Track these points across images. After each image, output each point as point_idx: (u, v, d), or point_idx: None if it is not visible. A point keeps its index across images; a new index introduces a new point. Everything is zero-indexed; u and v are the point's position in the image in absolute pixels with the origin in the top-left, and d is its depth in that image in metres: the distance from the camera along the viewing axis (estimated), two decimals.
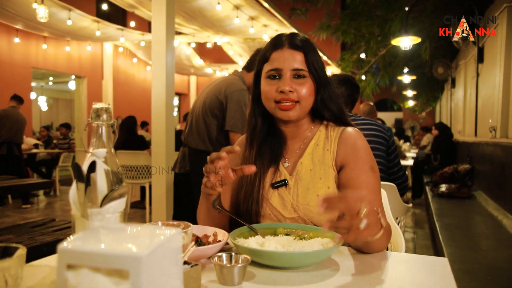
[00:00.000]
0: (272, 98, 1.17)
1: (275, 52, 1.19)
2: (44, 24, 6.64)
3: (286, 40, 1.19)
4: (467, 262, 2.35)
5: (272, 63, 1.18)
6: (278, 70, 1.17)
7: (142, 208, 5.78)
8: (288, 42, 1.19)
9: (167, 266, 0.53)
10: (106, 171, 0.71)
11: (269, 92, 1.17)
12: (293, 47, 1.18)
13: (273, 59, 1.18)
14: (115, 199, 0.68)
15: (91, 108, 0.79)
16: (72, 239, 0.49)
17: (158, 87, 3.99)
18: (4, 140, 6.07)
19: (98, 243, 0.50)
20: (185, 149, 2.61)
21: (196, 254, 0.90)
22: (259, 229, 1.06)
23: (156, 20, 4.03)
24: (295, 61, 1.16)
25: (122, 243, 0.50)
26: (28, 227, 3.14)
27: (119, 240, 0.52)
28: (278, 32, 7.11)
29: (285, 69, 1.16)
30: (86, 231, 0.55)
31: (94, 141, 0.77)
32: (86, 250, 0.47)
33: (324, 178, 1.17)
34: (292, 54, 1.17)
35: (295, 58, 1.16)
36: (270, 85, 1.17)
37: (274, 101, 1.17)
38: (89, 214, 0.66)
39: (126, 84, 11.36)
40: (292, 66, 1.16)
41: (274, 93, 1.16)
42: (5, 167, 5.94)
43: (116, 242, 0.51)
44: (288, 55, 1.17)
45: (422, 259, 1.02)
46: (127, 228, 0.57)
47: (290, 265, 0.89)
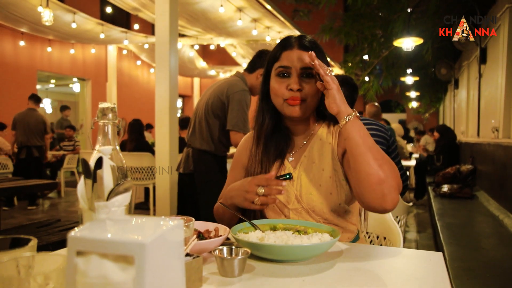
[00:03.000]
0: (281, 95, 1.23)
1: (285, 52, 1.25)
2: (49, 27, 6.72)
3: (295, 41, 1.26)
4: (466, 260, 2.37)
5: (281, 62, 1.24)
6: (288, 68, 1.23)
7: (146, 209, 5.82)
8: (297, 43, 1.25)
9: (170, 254, 0.57)
10: (112, 167, 0.75)
11: (279, 89, 1.23)
12: (302, 48, 1.24)
13: (283, 58, 1.24)
14: (121, 193, 0.72)
15: (98, 108, 0.83)
16: (80, 228, 0.53)
17: (161, 89, 4.04)
18: (22, 144, 6.13)
19: (105, 232, 0.53)
20: (189, 149, 2.66)
21: (198, 248, 0.94)
22: (259, 224, 1.10)
23: (160, 22, 4.08)
24: (304, 60, 1.21)
25: (127, 232, 0.54)
26: (34, 228, 3.19)
27: (124, 230, 0.55)
28: (281, 33, 7.14)
29: (294, 67, 1.22)
30: (94, 221, 0.59)
31: (100, 139, 0.81)
32: (95, 238, 0.51)
33: (326, 169, 1.23)
34: (301, 54, 1.22)
35: (303, 57, 1.21)
36: (280, 83, 1.23)
37: (283, 99, 1.23)
38: (96, 207, 0.70)
39: (130, 86, 11.45)
40: (301, 65, 1.22)
41: (283, 90, 1.22)
42: (26, 171, 5.97)
43: (122, 231, 0.54)
44: (298, 54, 1.22)
45: (418, 253, 1.05)
46: (132, 219, 0.61)
47: (288, 258, 0.93)
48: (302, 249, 0.90)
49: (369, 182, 1.04)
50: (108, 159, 0.76)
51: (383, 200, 1.04)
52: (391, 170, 1.06)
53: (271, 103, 1.30)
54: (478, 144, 5.49)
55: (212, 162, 2.53)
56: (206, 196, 2.46)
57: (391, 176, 1.05)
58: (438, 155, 7.20)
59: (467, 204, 4.46)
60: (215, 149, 2.57)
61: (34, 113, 6.33)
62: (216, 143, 2.56)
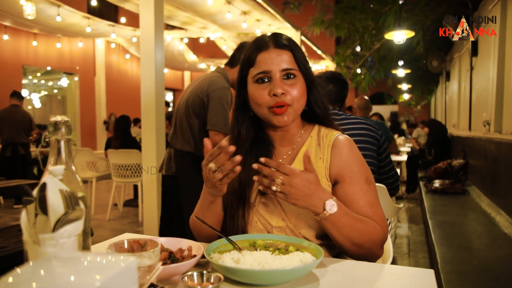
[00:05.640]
0: (265, 104, 1.10)
1: (261, 54, 1.12)
2: (33, 20, 6.54)
3: (270, 40, 1.13)
4: (458, 263, 2.32)
5: (259, 66, 1.11)
6: (267, 72, 1.10)
7: (135, 206, 5.73)
8: (273, 42, 1.13)
9: None
10: (62, 191, 0.66)
11: (260, 97, 1.10)
12: (279, 47, 1.12)
13: (259, 62, 1.12)
14: (70, 222, 0.63)
15: (49, 122, 0.73)
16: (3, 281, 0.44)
17: (147, 84, 3.93)
18: (7, 141, 5.94)
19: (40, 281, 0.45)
20: (171, 150, 2.55)
21: (168, 272, 0.86)
22: (238, 241, 1.02)
23: (144, 14, 3.96)
24: (283, 61, 1.10)
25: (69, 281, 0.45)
26: (15, 230, 3.08)
27: (62, 279, 0.47)
28: (271, 27, 7.03)
29: (274, 71, 1.10)
30: (36, 263, 0.51)
31: (52, 157, 0.72)
32: None
33: None
34: (279, 54, 1.11)
35: (282, 58, 1.11)
36: (261, 89, 1.10)
37: (267, 107, 1.10)
38: (41, 240, 0.61)
39: (119, 81, 11.26)
40: (281, 67, 1.10)
41: (266, 98, 1.09)
42: (12, 169, 5.80)
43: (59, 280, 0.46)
44: (275, 55, 1.11)
45: (408, 271, 0.98)
46: (81, 258, 0.53)
47: (266, 283, 0.85)
48: (280, 274, 0.83)
49: (350, 254, 1.08)
50: (57, 181, 0.67)
51: (367, 259, 1.07)
52: (372, 241, 1.07)
53: (247, 114, 1.18)
54: (470, 139, 5.46)
55: (195, 163, 2.41)
56: (190, 198, 2.36)
57: (374, 245, 1.07)
58: (429, 148, 7.18)
59: (458, 200, 4.43)
60: (197, 150, 2.45)
61: (19, 109, 6.16)
62: (198, 144, 2.44)
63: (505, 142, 3.64)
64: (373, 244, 1.07)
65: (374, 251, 1.08)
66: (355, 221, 1.04)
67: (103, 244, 1.11)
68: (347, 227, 1.02)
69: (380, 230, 1.09)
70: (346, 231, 1.03)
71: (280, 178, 0.97)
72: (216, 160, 0.97)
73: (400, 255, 3.76)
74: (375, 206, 1.13)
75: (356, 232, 1.04)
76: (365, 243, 1.05)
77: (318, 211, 1.00)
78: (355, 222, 1.04)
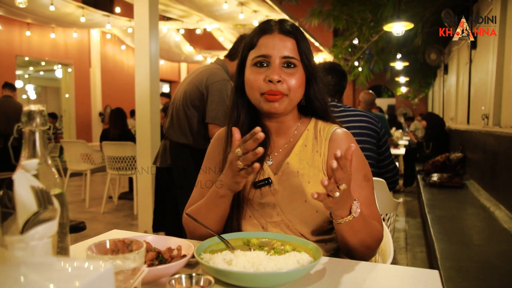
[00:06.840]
0: (257, 89, 1.05)
1: (264, 37, 1.07)
2: (25, 9, 6.40)
3: (276, 25, 1.09)
4: (459, 259, 2.28)
5: (259, 49, 1.07)
6: (267, 56, 1.05)
7: (131, 199, 5.66)
8: (278, 27, 1.08)
9: None
10: (34, 188, 0.59)
11: (255, 81, 1.06)
12: (284, 33, 1.07)
13: (261, 45, 1.07)
14: (42, 223, 0.57)
15: (22, 111, 0.67)
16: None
17: (141, 77, 3.85)
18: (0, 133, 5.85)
19: None
20: (166, 142, 2.49)
21: (154, 274, 0.80)
22: (231, 239, 0.96)
23: (138, 3, 3.87)
24: (285, 48, 1.05)
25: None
26: None
27: None
28: (269, 18, 6.93)
29: (275, 56, 1.05)
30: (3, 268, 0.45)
31: (25, 150, 0.65)
32: None
33: (313, 182, 1.07)
34: (283, 40, 1.06)
35: (285, 44, 1.06)
36: (257, 73, 1.06)
37: (260, 92, 1.05)
38: (8, 243, 0.55)
39: (114, 72, 11.13)
40: (282, 53, 1.05)
41: (260, 83, 1.05)
42: (5, 161, 5.69)
43: None
44: (278, 41, 1.06)
45: (412, 272, 0.93)
46: (53, 263, 0.48)
47: (260, 286, 0.79)
48: (275, 277, 0.77)
49: (357, 256, 1.04)
50: (30, 177, 0.60)
51: (364, 259, 1.05)
52: (378, 240, 1.06)
53: (246, 97, 1.12)
54: (468, 132, 5.41)
55: (191, 156, 2.35)
56: (185, 192, 2.30)
57: (378, 244, 1.07)
58: (427, 142, 7.14)
59: (457, 195, 4.39)
60: (194, 142, 2.38)
61: (12, 100, 6.08)
62: (195, 136, 2.38)
63: (505, 135, 3.59)
64: (378, 244, 1.06)
65: (375, 251, 1.07)
66: (367, 223, 1.00)
67: (92, 240, 1.05)
68: (362, 229, 0.98)
69: (381, 229, 1.07)
70: (362, 234, 0.98)
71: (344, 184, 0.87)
72: (244, 146, 0.92)
73: (398, 249, 3.72)
74: (372, 204, 1.10)
75: (368, 233, 1.00)
76: (373, 244, 1.03)
77: (343, 214, 0.93)
78: (366, 224, 1.00)
